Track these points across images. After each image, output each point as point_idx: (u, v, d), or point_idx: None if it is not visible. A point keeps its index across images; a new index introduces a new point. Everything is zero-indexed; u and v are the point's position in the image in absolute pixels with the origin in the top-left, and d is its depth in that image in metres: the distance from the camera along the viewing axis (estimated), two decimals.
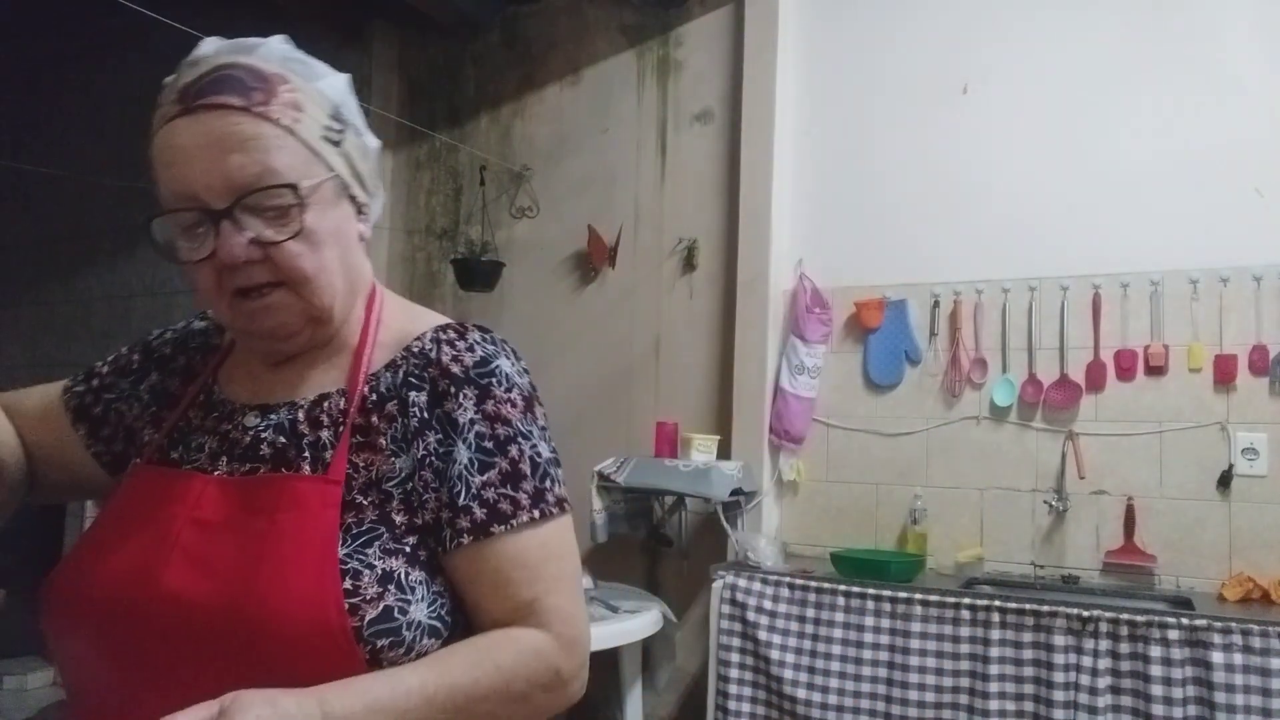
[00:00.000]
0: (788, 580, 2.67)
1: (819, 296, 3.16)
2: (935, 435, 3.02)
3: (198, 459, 0.89)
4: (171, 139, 0.83)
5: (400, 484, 0.85)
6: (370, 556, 0.80)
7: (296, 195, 0.82)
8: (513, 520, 0.84)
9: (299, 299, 0.85)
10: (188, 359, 1.01)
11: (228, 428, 0.90)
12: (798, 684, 2.57)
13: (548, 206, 3.76)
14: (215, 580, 0.78)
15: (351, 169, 0.89)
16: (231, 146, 0.81)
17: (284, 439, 0.86)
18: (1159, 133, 2.80)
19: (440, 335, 0.90)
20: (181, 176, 0.82)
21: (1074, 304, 2.86)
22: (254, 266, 0.83)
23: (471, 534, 0.83)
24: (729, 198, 3.36)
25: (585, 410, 3.53)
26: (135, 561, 0.81)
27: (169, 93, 0.86)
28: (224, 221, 0.81)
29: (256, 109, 0.82)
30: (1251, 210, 2.68)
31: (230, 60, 0.85)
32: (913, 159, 3.12)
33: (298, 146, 0.84)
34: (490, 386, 0.88)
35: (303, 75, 0.87)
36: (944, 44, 3.11)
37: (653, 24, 3.60)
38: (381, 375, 0.89)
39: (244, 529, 0.81)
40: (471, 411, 0.86)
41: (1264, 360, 2.63)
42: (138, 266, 4.91)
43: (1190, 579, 2.64)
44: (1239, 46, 2.73)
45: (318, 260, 0.85)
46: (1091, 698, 2.25)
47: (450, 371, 0.87)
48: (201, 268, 0.84)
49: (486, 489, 0.84)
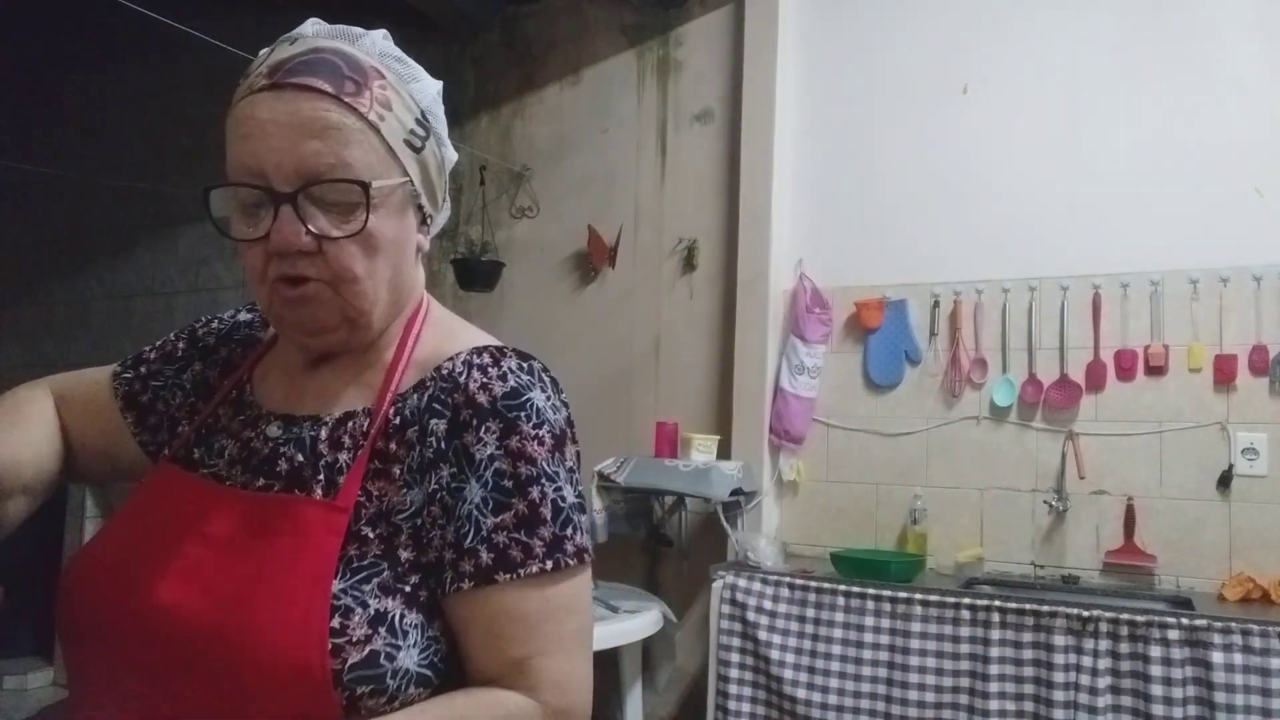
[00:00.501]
0: (788, 580, 2.67)
1: (819, 296, 3.16)
2: (935, 435, 3.02)
3: (216, 464, 0.87)
4: (253, 110, 0.79)
5: (410, 518, 0.80)
6: (366, 594, 0.76)
7: (366, 195, 0.79)
8: (521, 569, 0.78)
9: (338, 296, 0.82)
10: (229, 351, 0.98)
11: (250, 434, 0.87)
12: (798, 684, 2.57)
13: (548, 206, 3.76)
14: (206, 600, 0.75)
15: (425, 178, 0.87)
16: (312, 132, 0.77)
17: (302, 457, 0.83)
18: (1159, 133, 2.80)
19: (473, 359, 0.85)
20: (253, 151, 0.78)
21: (1074, 304, 2.86)
22: (305, 258, 0.79)
23: (473, 579, 0.78)
24: (729, 198, 3.36)
25: (585, 410, 3.51)
26: (135, 569, 0.79)
27: (259, 65, 0.82)
28: (285, 206, 0.78)
29: (346, 98, 0.79)
30: (1251, 210, 2.68)
31: (329, 45, 0.82)
32: (913, 159, 3.12)
33: (378, 145, 0.81)
34: (517, 421, 0.81)
35: (398, 74, 0.84)
36: (944, 44, 3.11)
37: (653, 24, 3.60)
38: (409, 397, 0.84)
39: (244, 549, 0.78)
40: (493, 447, 0.80)
41: (1264, 360, 2.63)
42: (138, 266, 4.91)
43: (1190, 579, 2.64)
44: (1239, 46, 2.73)
45: (370, 265, 0.82)
46: (1091, 698, 2.25)
47: (476, 400, 0.82)
48: (252, 247, 0.81)
49: (498, 532, 0.78)
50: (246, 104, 0.80)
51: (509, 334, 4.24)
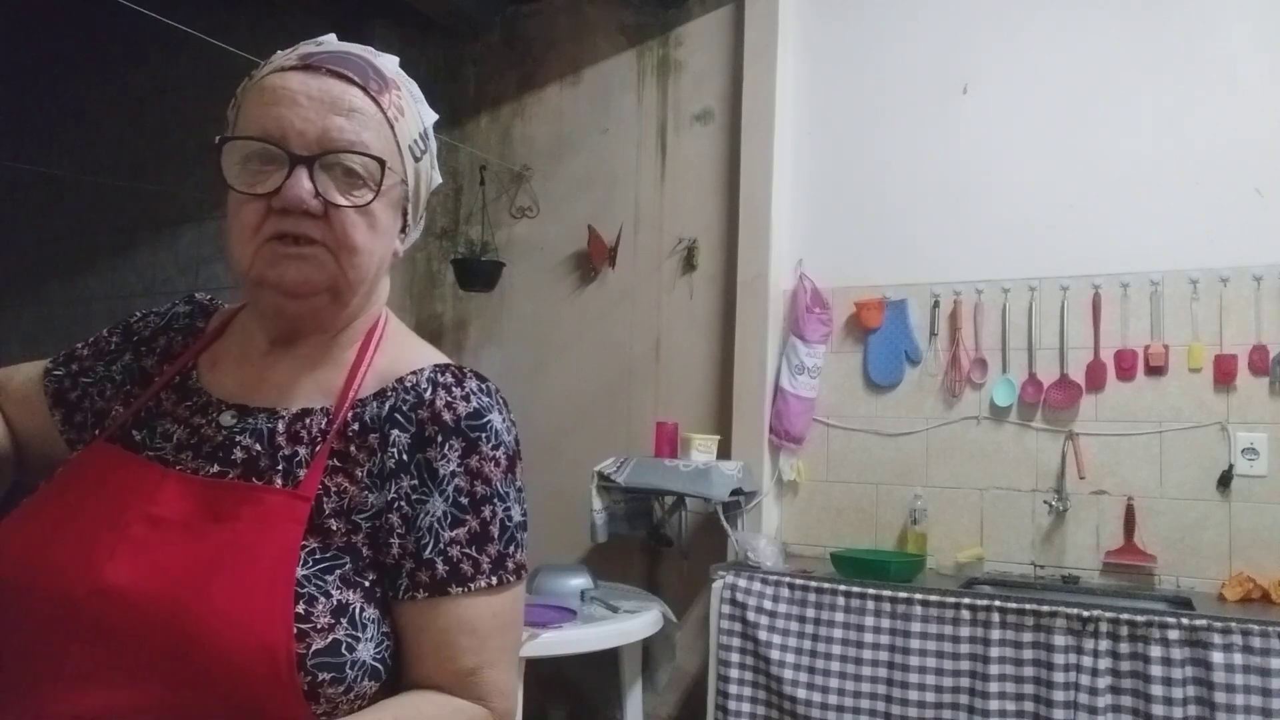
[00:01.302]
0: (788, 580, 2.67)
1: (819, 296, 3.16)
2: (935, 435, 3.02)
3: (161, 447, 0.86)
4: (284, 82, 0.83)
5: (369, 519, 0.83)
6: (329, 584, 0.78)
7: (379, 171, 0.83)
8: (470, 584, 0.82)
9: (335, 264, 0.84)
10: (168, 340, 0.99)
11: (200, 421, 0.87)
12: (798, 684, 2.57)
13: (548, 206, 3.75)
14: (160, 581, 0.75)
15: (416, 188, 0.91)
16: (339, 110, 0.82)
17: (260, 447, 0.84)
18: (1159, 133, 2.80)
19: (437, 377, 0.88)
20: (279, 115, 0.81)
21: (1074, 304, 2.86)
22: (308, 219, 0.81)
23: (428, 589, 0.81)
24: (729, 198, 3.36)
25: (585, 410, 3.53)
26: (77, 549, 0.77)
27: (286, 54, 0.86)
28: (300, 167, 0.80)
29: (372, 92, 0.85)
30: (1251, 210, 2.68)
31: (357, 50, 0.88)
32: (913, 159, 3.12)
33: (391, 140, 0.86)
34: (479, 441, 0.85)
35: (410, 92, 0.91)
36: (944, 44, 3.11)
37: (653, 24, 3.60)
38: (369, 404, 0.87)
39: (200, 533, 0.78)
40: (455, 463, 0.84)
41: (1264, 360, 2.63)
42: (138, 266, 4.91)
43: (1190, 579, 2.64)
44: (1239, 46, 2.73)
45: (369, 240, 0.85)
46: (1091, 698, 2.25)
47: (441, 418, 0.85)
48: (251, 202, 0.82)
49: (453, 546, 0.82)
50: (277, 76, 0.84)
51: (509, 334, 4.24)
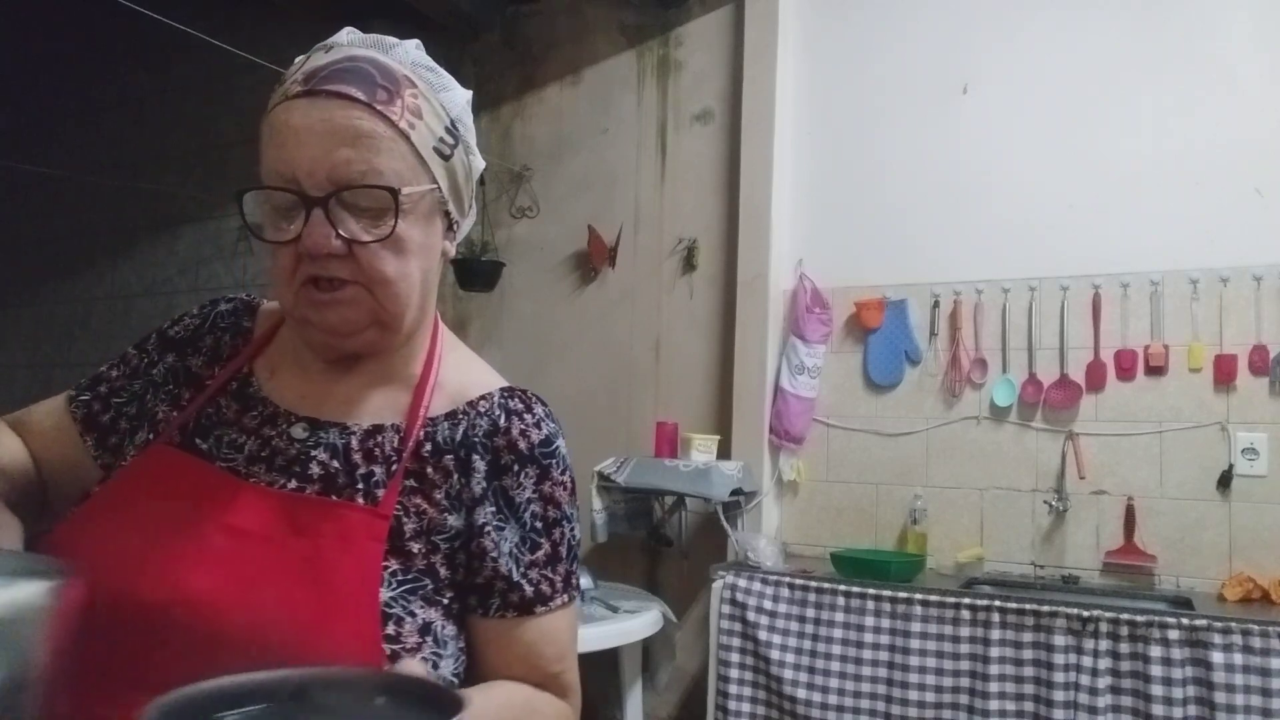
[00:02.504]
0: (788, 580, 2.67)
1: (819, 296, 3.16)
2: (935, 435, 3.02)
3: (234, 458, 0.86)
4: (287, 117, 0.80)
5: (449, 540, 0.85)
6: (413, 605, 0.81)
7: (395, 201, 0.81)
8: (551, 602, 0.88)
9: (372, 299, 0.83)
10: (215, 339, 0.97)
11: (270, 433, 0.87)
12: (798, 684, 2.57)
13: (548, 206, 3.76)
14: (244, 592, 0.75)
15: (453, 185, 0.88)
16: (344, 139, 0.79)
17: (337, 463, 0.85)
18: (1159, 133, 2.80)
19: (507, 402, 0.91)
20: (287, 158, 0.80)
21: (1074, 304, 2.86)
22: (335, 260, 0.81)
23: (517, 609, 0.86)
24: (729, 198, 3.36)
25: (585, 410, 3.53)
26: (157, 557, 0.77)
27: (295, 71, 0.84)
28: (316, 210, 0.79)
29: (378, 106, 0.80)
30: (1251, 210, 2.68)
31: (364, 53, 0.84)
32: (913, 159, 3.12)
33: (408, 153, 0.82)
34: (550, 468, 0.90)
35: (429, 83, 0.86)
36: (944, 44, 3.11)
37: (653, 24, 3.60)
38: (440, 424, 0.88)
39: (283, 546, 0.79)
40: (530, 491, 0.88)
41: (1264, 360, 2.63)
42: (138, 266, 4.91)
43: (1190, 579, 2.64)
44: (1239, 46, 2.73)
45: (400, 267, 0.83)
46: (1091, 698, 2.25)
47: (517, 447, 0.88)
48: (282, 250, 0.82)
49: (532, 569, 0.87)
50: (282, 110, 0.82)
51: (509, 334, 4.24)
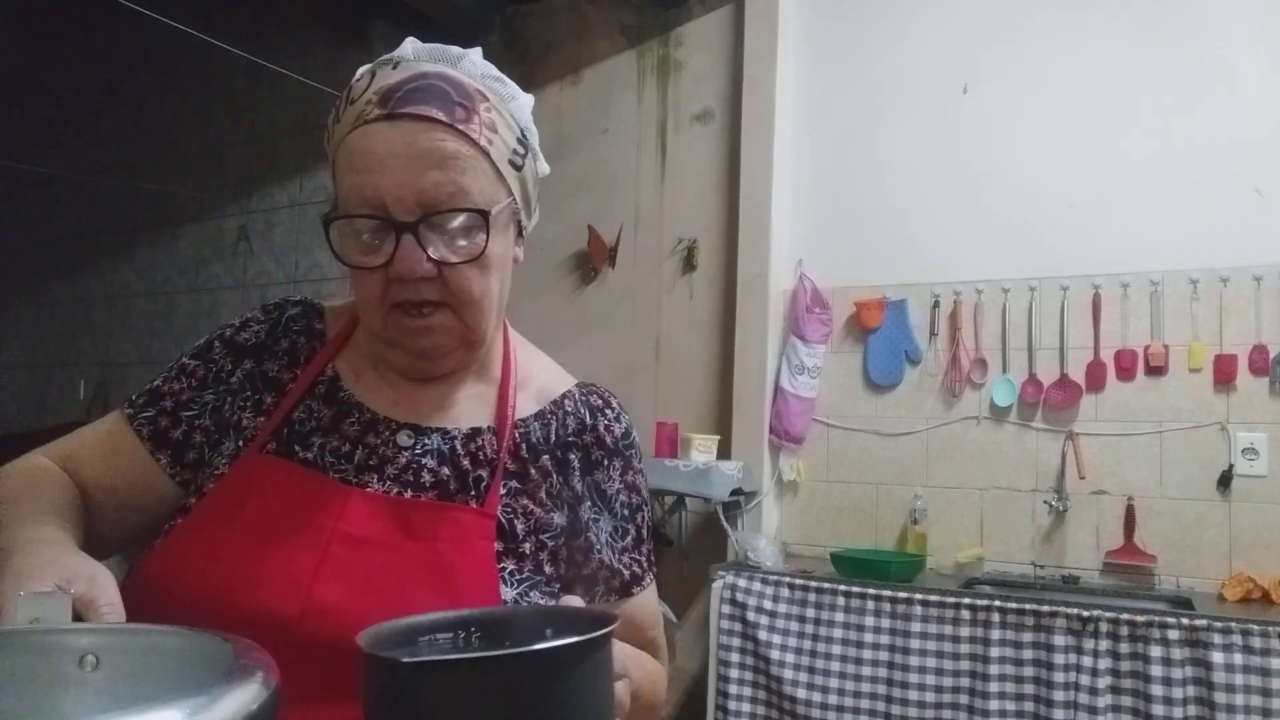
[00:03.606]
0: (788, 580, 2.67)
1: (819, 296, 3.16)
2: (935, 435, 3.02)
3: (344, 469, 0.86)
4: (369, 144, 0.80)
5: (554, 537, 0.88)
6: (535, 601, 0.85)
7: (485, 221, 0.81)
8: (643, 580, 0.95)
9: (460, 321, 0.85)
10: (290, 342, 0.95)
11: (375, 441, 0.88)
12: (798, 684, 2.57)
13: (548, 206, 3.71)
14: (370, 599, 0.76)
15: (524, 194, 0.89)
16: (431, 163, 0.79)
17: (447, 470, 0.87)
18: (1159, 133, 2.80)
19: (590, 399, 0.96)
20: (374, 184, 0.79)
21: (1074, 304, 2.86)
22: (425, 283, 0.81)
23: (619, 593, 0.92)
24: (729, 198, 3.35)
25: None
26: (281, 568, 0.78)
27: (364, 88, 0.83)
28: (406, 235, 0.79)
29: (459, 125, 0.80)
30: (1251, 210, 2.68)
31: (434, 69, 0.83)
32: (913, 159, 3.12)
33: (489, 169, 0.83)
34: (631, 458, 0.96)
35: (499, 95, 0.87)
36: (944, 44, 3.11)
37: (653, 24, 3.60)
38: (530, 424, 0.92)
39: (402, 551, 0.80)
40: (617, 482, 0.94)
41: (1264, 360, 2.63)
42: (138, 266, 4.91)
43: (1190, 579, 2.64)
44: (1239, 46, 2.73)
45: (485, 284, 0.84)
46: (1091, 698, 2.25)
47: (605, 443, 0.93)
48: (370, 275, 0.82)
49: (624, 554, 0.93)
50: (360, 136, 0.80)
51: None
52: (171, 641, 0.71)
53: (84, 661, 0.70)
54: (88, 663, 0.70)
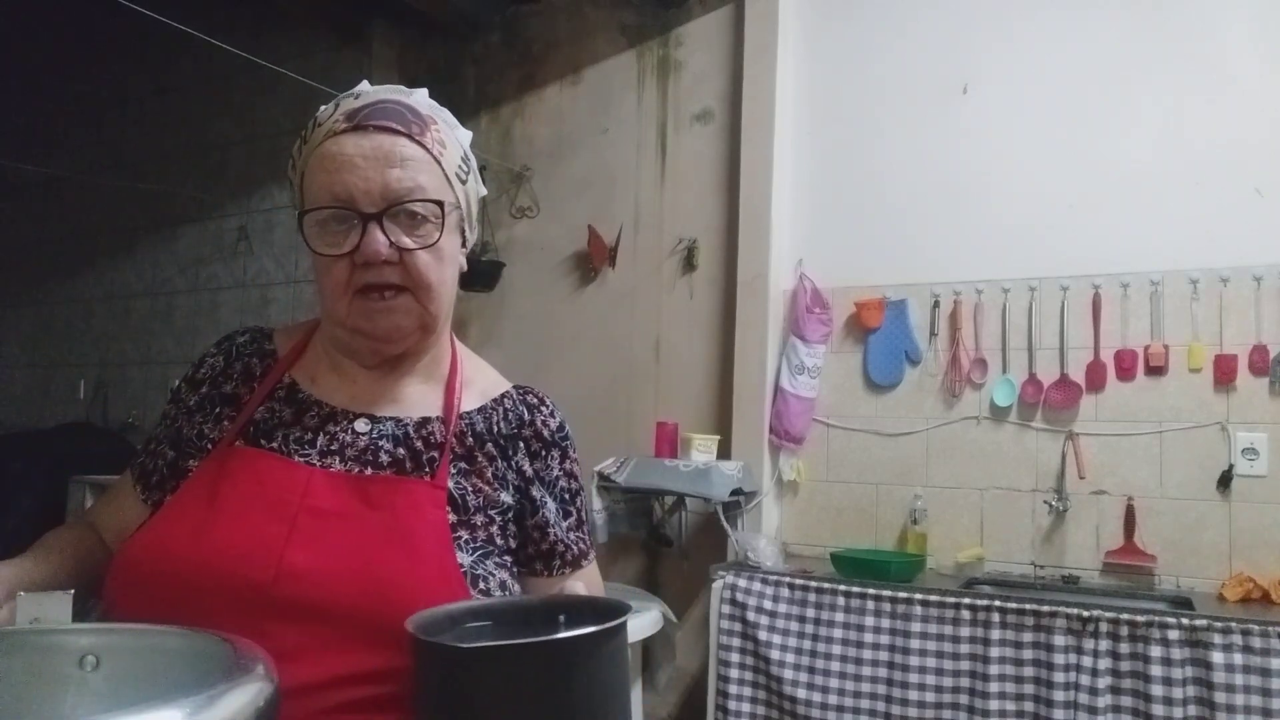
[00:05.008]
0: (788, 580, 2.67)
1: (819, 296, 3.16)
2: (935, 435, 3.02)
3: (307, 454, 0.96)
4: (341, 148, 0.92)
5: (502, 514, 0.99)
6: (489, 566, 0.95)
7: (441, 211, 0.94)
8: (588, 556, 1.07)
9: (418, 304, 0.96)
10: (244, 364, 1.05)
11: (335, 429, 0.98)
12: (798, 684, 2.57)
13: (548, 206, 3.75)
14: (340, 562, 0.86)
15: (468, 206, 1.02)
16: (393, 162, 0.92)
17: (402, 450, 0.97)
18: (1159, 133, 2.80)
19: (526, 398, 1.08)
20: (344, 181, 0.91)
21: (1074, 304, 2.86)
22: (387, 267, 0.92)
23: (570, 566, 1.04)
24: (729, 198, 3.35)
25: (585, 410, 3.52)
26: (255, 541, 0.87)
27: (330, 114, 0.96)
28: (372, 223, 0.91)
29: (416, 136, 0.94)
30: (1251, 210, 2.68)
31: (391, 97, 0.97)
32: (913, 159, 3.12)
33: (440, 174, 0.96)
34: (567, 449, 1.08)
35: (446, 122, 1.00)
36: (944, 44, 3.11)
37: (653, 24, 3.60)
38: (474, 417, 1.03)
39: (362, 520, 0.90)
40: (556, 469, 1.05)
41: (1264, 360, 2.63)
42: (138, 266, 4.91)
43: (1190, 579, 2.64)
44: (1239, 46, 2.73)
45: (440, 273, 0.96)
46: (1091, 698, 2.25)
47: (542, 435, 1.05)
48: (337, 262, 0.93)
49: (570, 532, 1.05)
50: (332, 143, 0.93)
51: (509, 334, 4.23)
52: (171, 641, 0.71)
53: (84, 661, 0.70)
54: (88, 663, 0.70)
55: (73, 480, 4.17)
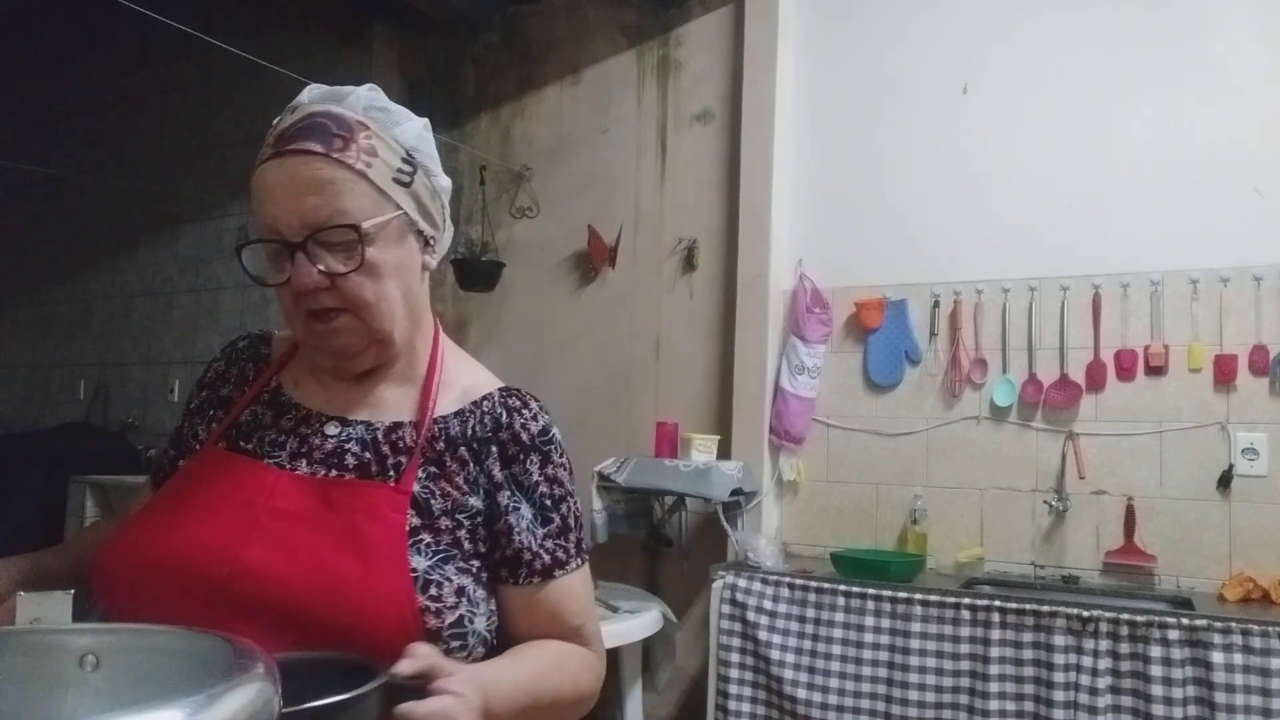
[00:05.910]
0: (788, 580, 2.67)
1: (819, 296, 3.16)
2: (935, 435, 3.02)
3: (278, 456, 0.99)
4: (263, 179, 0.94)
5: (471, 518, 0.98)
6: (448, 572, 0.94)
7: (359, 234, 0.93)
8: (567, 566, 1.02)
9: (361, 323, 0.96)
10: (240, 369, 1.11)
11: (306, 431, 1.00)
12: (798, 684, 2.57)
13: (548, 206, 3.75)
14: (295, 563, 0.88)
15: (420, 206, 1.00)
16: (309, 189, 0.92)
17: (368, 454, 0.98)
18: (1159, 133, 2.80)
19: (508, 401, 1.05)
20: (268, 213, 0.93)
21: (1074, 304, 2.86)
22: (322, 293, 0.94)
23: (540, 575, 1.00)
24: (729, 198, 3.35)
25: (585, 410, 3.53)
26: (214, 539, 0.89)
27: (270, 134, 0.96)
28: (298, 253, 0.92)
29: (335, 154, 0.92)
30: (1251, 210, 2.68)
31: (321, 109, 0.96)
32: (913, 159, 3.12)
33: (368, 189, 0.94)
34: (550, 453, 1.04)
35: (381, 123, 0.98)
36: (944, 44, 3.11)
37: (653, 24, 3.60)
38: (450, 420, 1.02)
39: (321, 522, 0.92)
40: (536, 474, 1.02)
41: (1264, 360, 2.63)
42: (138, 266, 4.91)
43: (1190, 579, 2.64)
44: (1238, 46, 2.73)
45: (378, 289, 0.96)
46: (1091, 698, 2.25)
47: (520, 439, 1.02)
48: (282, 290, 0.96)
49: (547, 540, 1.01)
50: (259, 173, 0.94)
51: (509, 334, 4.22)
52: (171, 641, 0.71)
53: (84, 661, 0.70)
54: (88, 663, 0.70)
55: (73, 480, 4.17)
